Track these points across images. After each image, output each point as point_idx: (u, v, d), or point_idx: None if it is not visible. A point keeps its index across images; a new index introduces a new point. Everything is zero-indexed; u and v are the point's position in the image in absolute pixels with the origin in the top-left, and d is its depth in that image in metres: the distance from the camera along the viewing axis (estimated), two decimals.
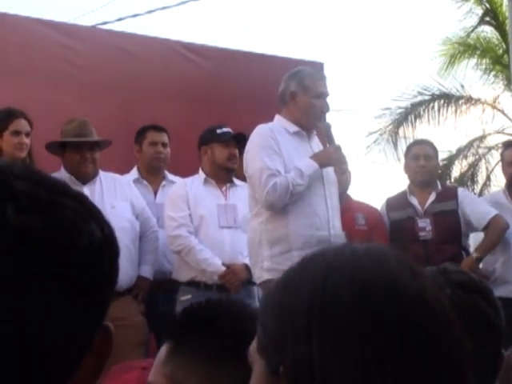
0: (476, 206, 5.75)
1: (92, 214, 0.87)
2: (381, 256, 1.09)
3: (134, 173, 5.69)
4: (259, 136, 4.61)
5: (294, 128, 4.70)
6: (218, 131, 5.33)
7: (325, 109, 4.78)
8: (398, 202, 5.88)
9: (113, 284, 0.90)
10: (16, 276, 0.79)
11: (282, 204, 4.48)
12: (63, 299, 0.82)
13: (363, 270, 1.06)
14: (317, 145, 4.83)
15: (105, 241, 0.87)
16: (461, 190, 6.07)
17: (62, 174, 5.05)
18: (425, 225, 5.63)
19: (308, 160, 4.60)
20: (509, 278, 5.73)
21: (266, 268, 4.46)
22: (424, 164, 5.82)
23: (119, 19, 12.26)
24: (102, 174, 5.20)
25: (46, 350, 0.81)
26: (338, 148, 4.74)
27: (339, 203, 4.83)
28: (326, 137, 4.83)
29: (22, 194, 0.82)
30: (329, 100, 4.82)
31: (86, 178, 5.09)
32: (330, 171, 4.72)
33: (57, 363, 0.83)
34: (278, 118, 4.79)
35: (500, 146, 14.85)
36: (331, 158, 4.68)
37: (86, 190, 5.00)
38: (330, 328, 1.03)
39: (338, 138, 4.89)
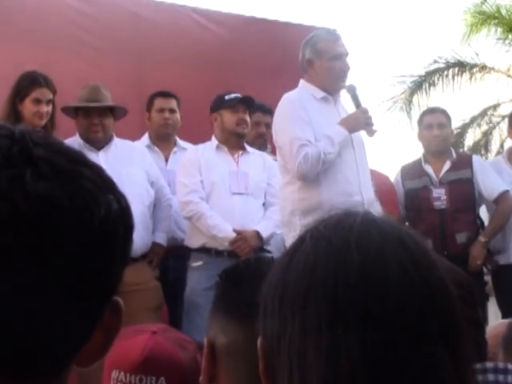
0: (487, 178, 5.67)
1: (110, 186, 0.86)
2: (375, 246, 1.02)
3: (145, 139, 5.68)
4: (288, 106, 4.55)
5: (320, 94, 4.65)
6: (227, 97, 5.29)
7: (345, 68, 4.69)
8: (412, 171, 5.83)
9: (125, 259, 0.88)
10: (36, 243, 0.78)
11: (315, 173, 4.44)
12: (75, 270, 0.81)
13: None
14: (343, 108, 4.78)
15: (121, 213, 0.86)
16: (475, 159, 5.99)
17: (76, 139, 5.06)
18: (439, 194, 5.58)
19: (337, 126, 4.56)
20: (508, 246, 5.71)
21: None
22: (438, 133, 5.75)
23: None
24: (117, 140, 5.18)
25: (56, 323, 0.81)
26: (365, 111, 4.68)
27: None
28: (352, 99, 4.76)
29: (42, 161, 0.80)
30: (349, 58, 4.70)
31: (98, 143, 5.08)
32: (358, 134, 4.68)
33: (67, 336, 0.83)
34: (303, 83, 4.73)
35: None
36: (360, 123, 4.63)
37: (102, 156, 5.00)
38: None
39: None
